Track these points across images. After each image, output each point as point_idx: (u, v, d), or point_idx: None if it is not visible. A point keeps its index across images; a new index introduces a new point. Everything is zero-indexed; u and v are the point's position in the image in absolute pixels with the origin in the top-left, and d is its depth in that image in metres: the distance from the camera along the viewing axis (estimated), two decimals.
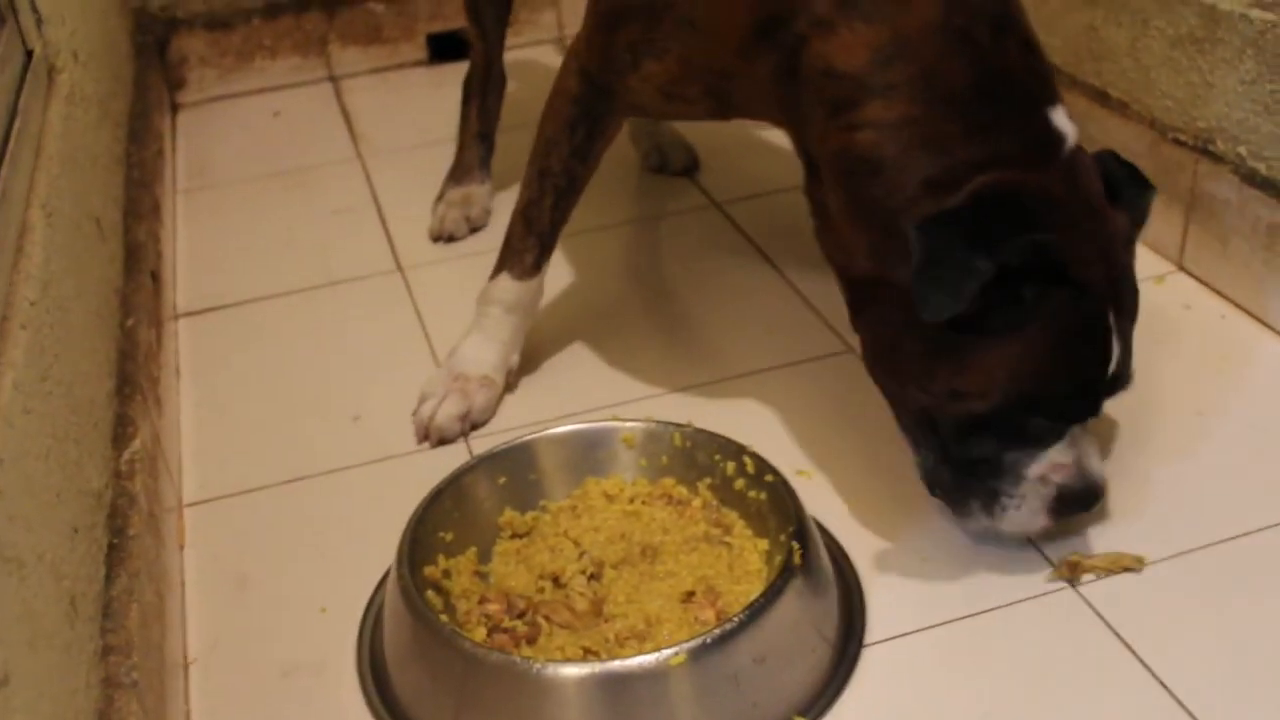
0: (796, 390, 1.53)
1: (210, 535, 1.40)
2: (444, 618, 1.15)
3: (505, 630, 1.16)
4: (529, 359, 1.61)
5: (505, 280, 1.52)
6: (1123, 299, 1.18)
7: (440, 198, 1.96)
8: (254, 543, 1.38)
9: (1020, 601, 1.23)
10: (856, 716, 1.13)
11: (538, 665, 1.07)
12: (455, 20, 2.51)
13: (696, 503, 1.29)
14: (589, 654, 1.13)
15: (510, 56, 2.53)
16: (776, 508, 1.23)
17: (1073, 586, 1.23)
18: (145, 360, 1.45)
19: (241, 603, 1.31)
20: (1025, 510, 1.21)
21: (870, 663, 1.17)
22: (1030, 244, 1.10)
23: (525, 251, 1.51)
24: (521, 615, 1.17)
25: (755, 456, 1.27)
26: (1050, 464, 1.20)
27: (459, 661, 1.10)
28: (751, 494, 1.26)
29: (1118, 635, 1.18)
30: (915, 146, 1.15)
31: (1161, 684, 1.12)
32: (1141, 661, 1.15)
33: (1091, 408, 1.21)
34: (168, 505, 1.37)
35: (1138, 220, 1.24)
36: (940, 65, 1.16)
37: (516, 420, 1.50)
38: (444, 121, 2.30)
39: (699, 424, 1.34)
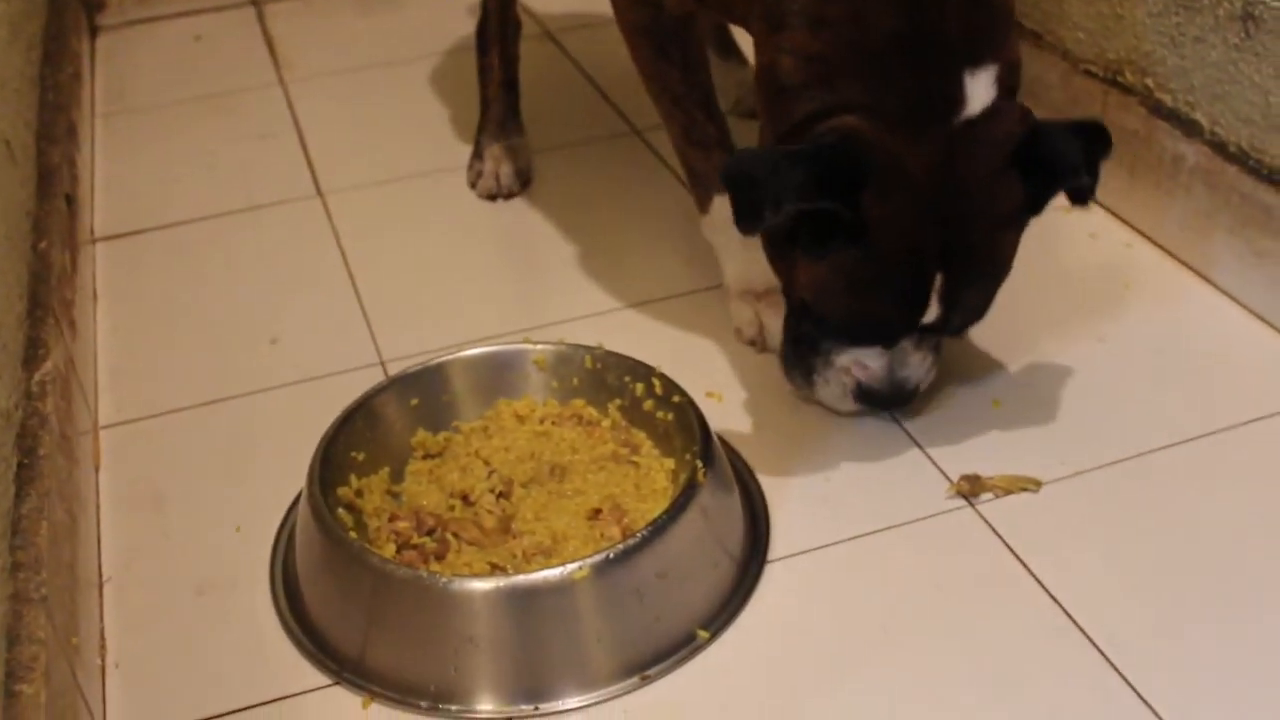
0: (708, 315, 1.55)
1: (127, 457, 1.41)
2: (354, 535, 1.17)
3: (414, 547, 1.18)
4: (451, 283, 1.62)
5: (721, 201, 1.47)
6: (960, 267, 1.22)
7: (479, 155, 1.85)
8: (170, 464, 1.39)
9: (920, 519, 1.26)
10: (758, 630, 1.16)
11: (444, 579, 1.10)
12: None
13: (606, 423, 1.31)
14: (496, 569, 1.15)
15: None
16: (683, 428, 1.26)
17: (971, 505, 1.27)
18: (58, 283, 1.44)
19: (157, 523, 1.32)
20: (831, 390, 1.32)
21: (773, 578, 1.21)
22: (816, 205, 1.17)
23: (718, 167, 1.48)
24: (431, 532, 1.20)
25: (664, 378, 1.30)
26: (855, 360, 1.29)
27: (368, 576, 1.12)
28: (660, 414, 1.29)
29: (1014, 553, 1.21)
30: (814, 82, 1.20)
31: (1054, 600, 1.16)
32: (1036, 578, 1.19)
33: (884, 343, 1.28)
34: (82, 427, 1.37)
35: (1036, 201, 1.24)
36: (869, 9, 1.17)
37: (431, 344, 1.51)
38: (368, 48, 2.30)
39: (611, 347, 1.36)
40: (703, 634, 1.14)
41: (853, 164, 1.17)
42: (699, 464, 1.18)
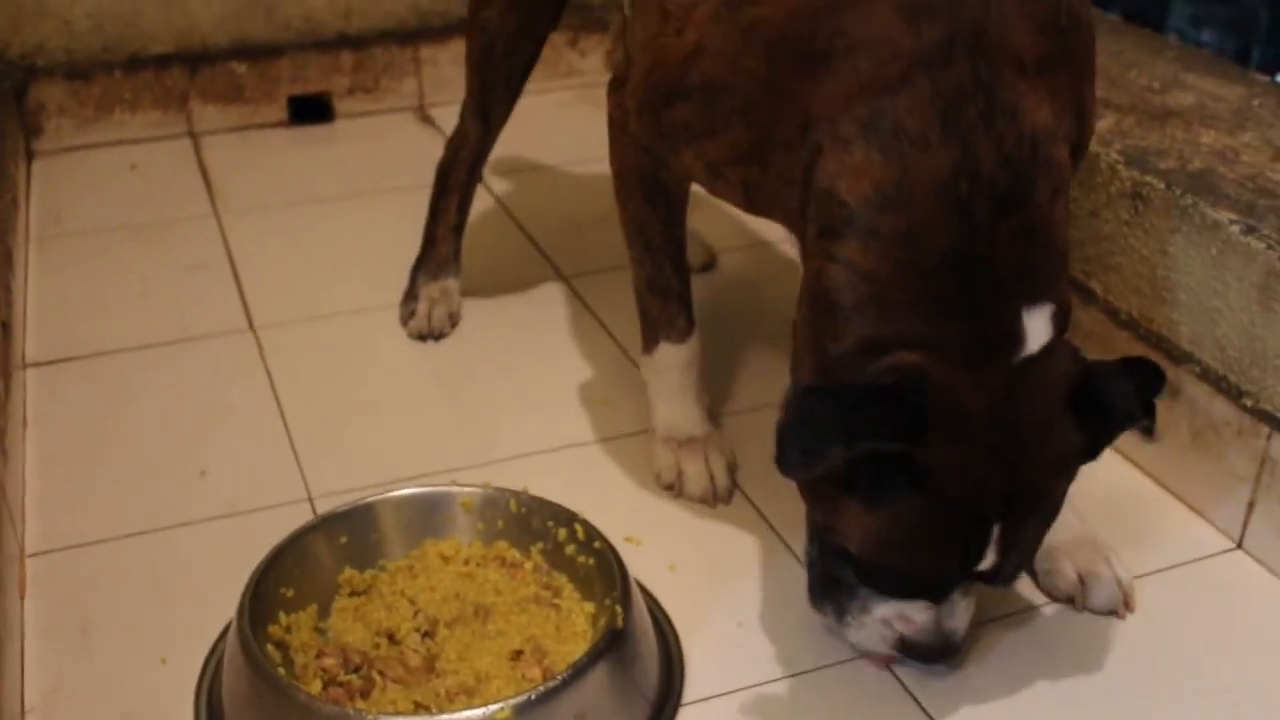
0: (629, 460, 1.61)
1: (53, 585, 1.43)
2: (281, 671, 1.20)
3: (340, 684, 1.22)
4: (380, 420, 1.67)
5: (667, 347, 1.56)
6: (1019, 514, 1.17)
7: (414, 295, 1.91)
8: (97, 593, 1.42)
9: (830, 665, 1.32)
10: None
11: (370, 717, 1.13)
12: (317, 84, 2.57)
13: (528, 566, 1.36)
14: (420, 708, 1.19)
15: (369, 123, 2.63)
16: (604, 573, 1.31)
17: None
18: None
19: (83, 652, 1.34)
20: (865, 637, 1.26)
21: None
22: (881, 449, 1.11)
23: (674, 318, 1.55)
24: (357, 669, 1.23)
25: (585, 524, 1.35)
26: (898, 613, 1.23)
27: (295, 713, 1.15)
28: (581, 559, 1.34)
29: (922, 708, 1.28)
30: (868, 302, 1.16)
31: None
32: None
33: (936, 596, 1.22)
34: (9, 554, 1.39)
35: (1093, 446, 1.19)
36: (926, 229, 1.14)
37: (359, 480, 1.55)
38: (302, 182, 2.36)
39: (536, 489, 1.42)
40: None
41: (920, 406, 1.11)
42: (618, 609, 1.24)
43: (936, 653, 1.24)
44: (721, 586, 1.42)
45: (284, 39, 2.53)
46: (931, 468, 1.12)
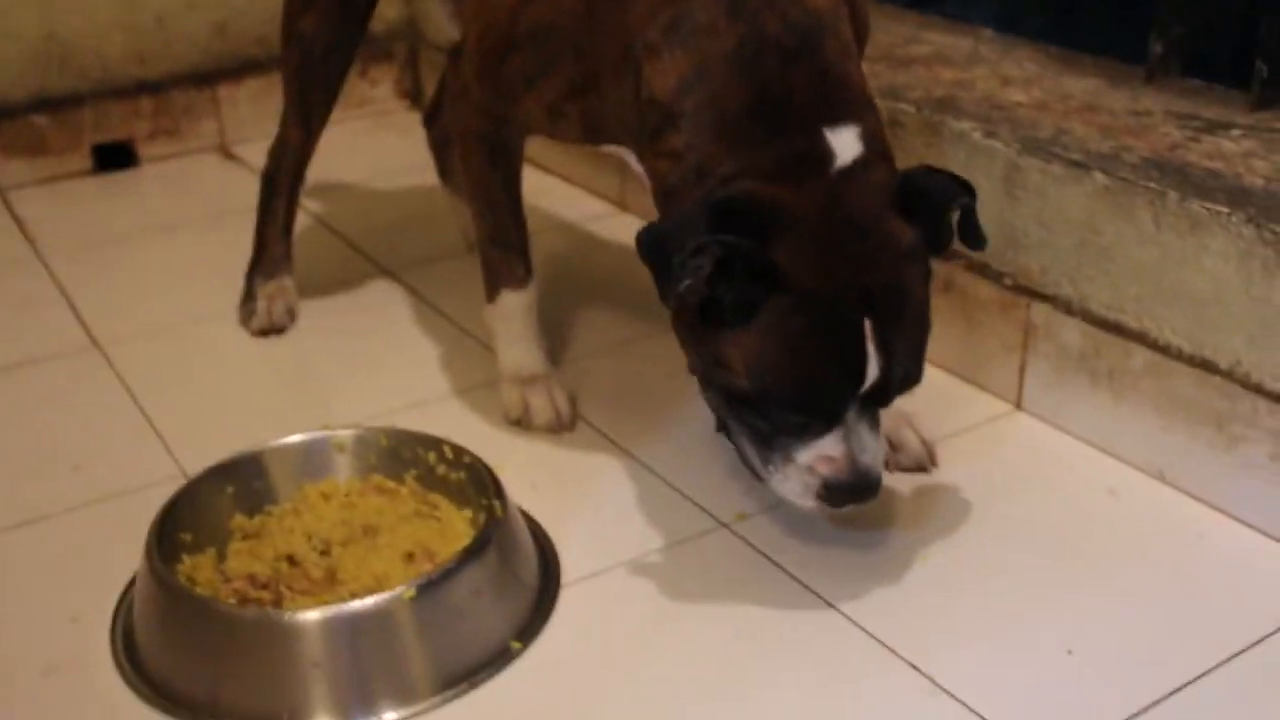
0: (476, 409, 1.76)
1: None
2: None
3: (251, 600, 1.33)
4: (228, 403, 1.78)
5: (508, 294, 1.70)
6: (885, 310, 1.24)
7: (251, 295, 2.02)
8: None
9: (691, 538, 1.49)
10: (563, 641, 1.36)
11: (289, 614, 1.25)
12: (120, 131, 2.66)
13: (404, 491, 1.50)
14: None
15: (174, 165, 2.71)
16: (475, 483, 1.45)
17: (728, 528, 1.51)
18: None
19: None
20: (791, 487, 1.31)
21: (567, 599, 1.41)
22: (723, 244, 1.20)
23: (513, 266, 1.69)
24: (264, 587, 1.35)
25: (452, 445, 1.49)
26: (817, 455, 1.29)
27: (217, 625, 1.27)
28: (453, 476, 1.48)
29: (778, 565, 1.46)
30: (690, 171, 1.30)
31: (822, 597, 1.40)
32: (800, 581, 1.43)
33: (836, 409, 1.27)
34: None
35: (936, 237, 1.29)
36: (722, 92, 1.28)
37: (228, 453, 1.65)
38: (119, 222, 2.44)
39: None
40: (516, 644, 1.33)
41: (748, 208, 1.22)
42: (495, 503, 1.38)
43: (859, 489, 1.29)
44: (581, 493, 1.58)
45: (83, 88, 2.60)
46: (782, 264, 1.21)
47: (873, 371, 1.25)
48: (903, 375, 1.29)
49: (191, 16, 2.68)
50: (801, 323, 1.23)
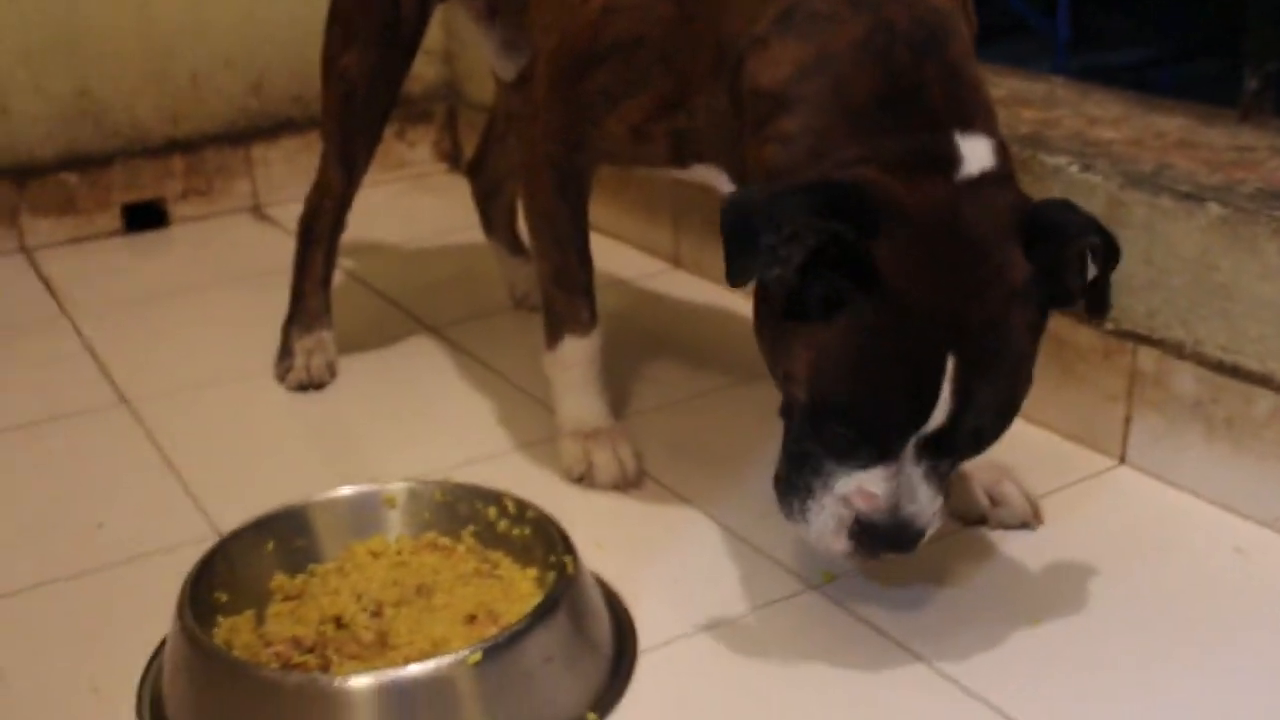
0: (534, 464, 1.63)
1: None
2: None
3: (295, 665, 1.19)
4: (264, 461, 1.65)
5: (571, 341, 1.58)
6: (974, 349, 1.11)
7: (288, 350, 1.90)
8: (13, 643, 1.35)
9: (774, 602, 1.35)
10: (642, 712, 1.21)
11: (338, 680, 1.11)
12: (150, 190, 2.56)
13: (461, 548, 1.36)
14: None
15: (205, 225, 2.62)
16: (541, 539, 1.32)
17: (817, 590, 1.37)
18: None
19: (2, 695, 1.28)
20: (824, 521, 1.19)
21: (645, 666, 1.26)
22: (826, 230, 1.08)
23: (578, 311, 1.56)
24: (310, 651, 1.21)
25: (514, 498, 1.36)
26: (858, 487, 1.17)
27: (257, 693, 1.13)
28: (515, 532, 1.35)
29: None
30: (804, 153, 1.18)
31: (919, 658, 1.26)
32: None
33: (889, 439, 1.14)
34: None
35: (1058, 283, 1.16)
36: (850, 78, 1.18)
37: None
38: (149, 283, 2.34)
39: None
40: (591, 716, 1.18)
41: (862, 196, 1.10)
42: (566, 559, 1.25)
43: (894, 537, 1.16)
44: (653, 554, 1.44)
45: (113, 147, 2.52)
46: (880, 263, 1.09)
47: (940, 414, 1.12)
48: (974, 428, 1.15)
49: (227, 74, 2.60)
50: (879, 331, 1.11)
